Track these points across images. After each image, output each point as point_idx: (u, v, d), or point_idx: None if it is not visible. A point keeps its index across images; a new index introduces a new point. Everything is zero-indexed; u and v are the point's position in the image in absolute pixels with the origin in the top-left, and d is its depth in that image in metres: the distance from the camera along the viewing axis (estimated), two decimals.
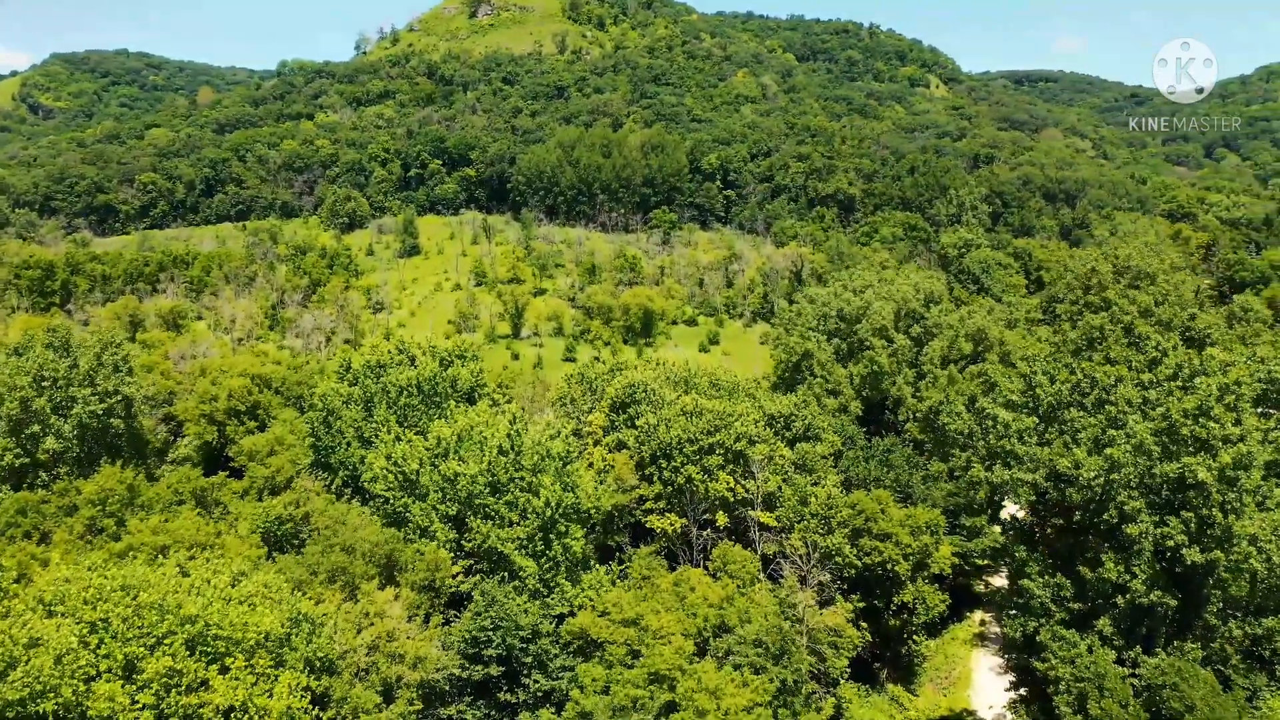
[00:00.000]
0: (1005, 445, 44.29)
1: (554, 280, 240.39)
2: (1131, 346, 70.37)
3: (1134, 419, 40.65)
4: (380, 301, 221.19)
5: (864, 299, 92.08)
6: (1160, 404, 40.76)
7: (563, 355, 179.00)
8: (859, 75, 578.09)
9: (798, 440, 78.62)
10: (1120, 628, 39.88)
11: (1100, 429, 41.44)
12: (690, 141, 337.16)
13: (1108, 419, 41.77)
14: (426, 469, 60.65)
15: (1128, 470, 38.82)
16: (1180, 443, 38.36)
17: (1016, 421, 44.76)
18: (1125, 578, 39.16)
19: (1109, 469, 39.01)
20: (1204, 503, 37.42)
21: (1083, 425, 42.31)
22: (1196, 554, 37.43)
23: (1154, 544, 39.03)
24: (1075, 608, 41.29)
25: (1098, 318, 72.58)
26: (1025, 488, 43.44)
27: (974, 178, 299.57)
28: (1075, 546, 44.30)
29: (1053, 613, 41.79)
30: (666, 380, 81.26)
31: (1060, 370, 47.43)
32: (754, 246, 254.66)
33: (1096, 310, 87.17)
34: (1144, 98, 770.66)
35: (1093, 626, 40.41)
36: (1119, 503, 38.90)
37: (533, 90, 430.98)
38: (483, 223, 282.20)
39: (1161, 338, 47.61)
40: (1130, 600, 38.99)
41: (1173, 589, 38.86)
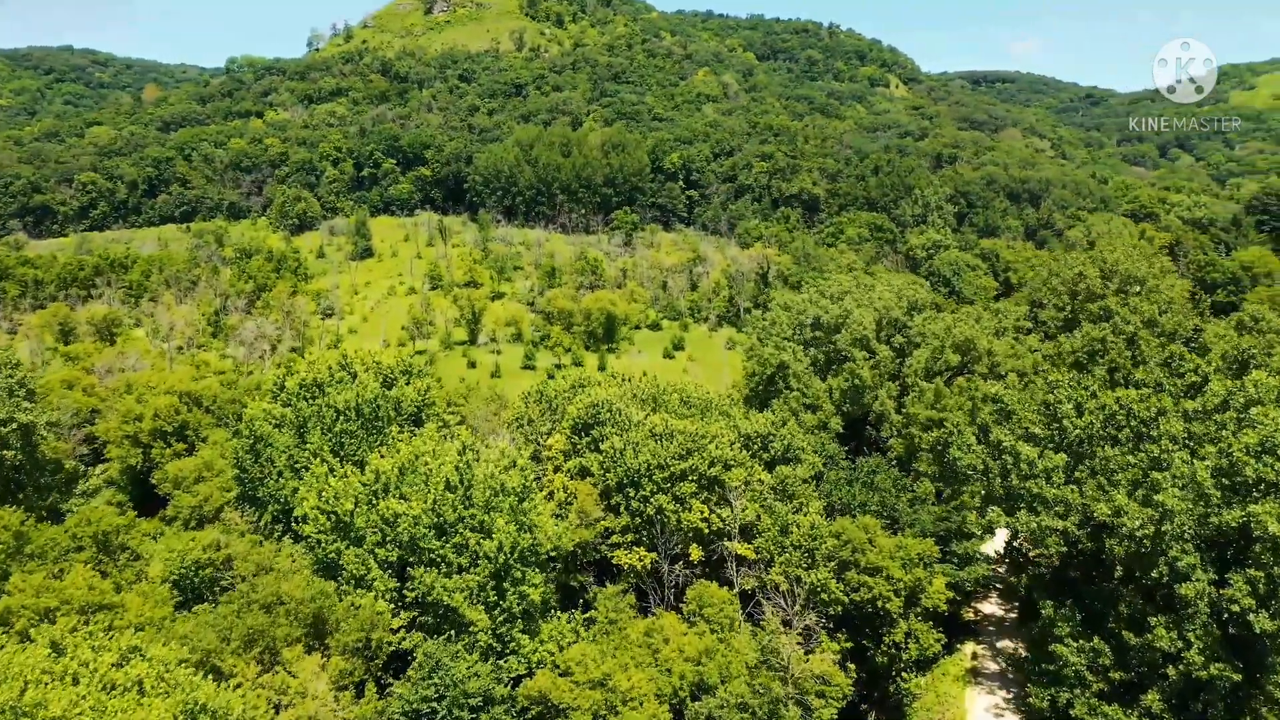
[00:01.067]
0: (1031, 487, 38.25)
1: (513, 283, 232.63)
2: (1138, 364, 64.96)
3: (1181, 458, 34.82)
4: (330, 306, 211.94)
5: (843, 306, 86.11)
6: (1213, 439, 34.95)
7: (522, 363, 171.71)
8: (819, 75, 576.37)
9: (776, 462, 72.32)
10: (1171, 703, 34.10)
11: (1141, 470, 35.58)
12: (652, 141, 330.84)
13: (1149, 458, 35.93)
14: (363, 509, 53.28)
15: (1181, 519, 33.01)
16: (1243, 487, 32.68)
17: (1044, 459, 38.74)
18: (1178, 645, 33.38)
19: (1159, 518, 33.16)
20: (1275, 558, 31.72)
21: (1120, 464, 36.42)
22: (1266, 620, 31.74)
23: (1211, 605, 33.28)
24: (1116, 678, 35.40)
25: (1098, 329, 67.19)
26: (1054, 536, 37.51)
27: (938, 178, 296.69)
28: (1110, 597, 38.29)
29: (1089, 683, 35.84)
30: (633, 398, 74.52)
31: (1084, 396, 41.48)
32: (718, 248, 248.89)
33: (1094, 319, 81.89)
34: (1099, 98, 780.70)
35: (1138, 701, 34.56)
36: (1170, 558, 33.08)
37: (490, 88, 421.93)
38: (438, 224, 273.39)
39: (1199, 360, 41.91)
40: (1184, 672, 33.24)
41: (1234, 659, 33.17)
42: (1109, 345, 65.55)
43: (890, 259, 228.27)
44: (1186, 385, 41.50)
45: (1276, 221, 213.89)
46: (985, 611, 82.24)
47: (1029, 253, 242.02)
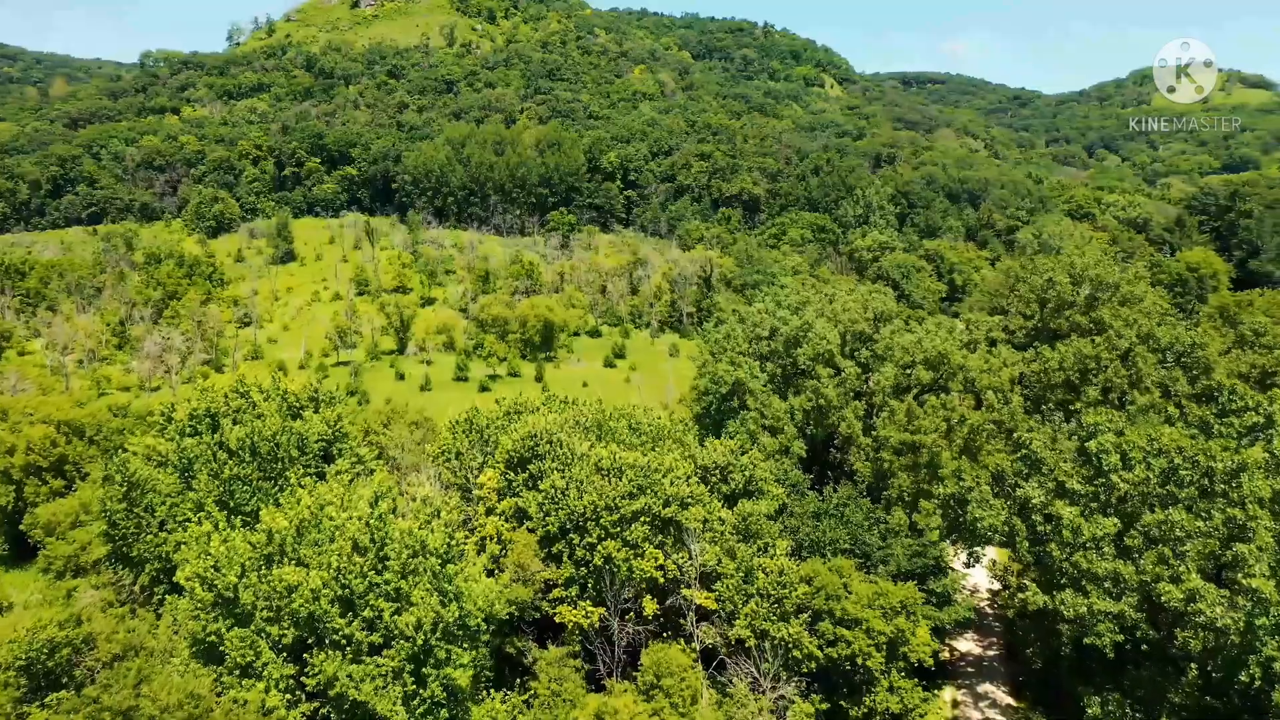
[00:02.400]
0: (1080, 561, 31.05)
1: (444, 288, 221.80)
2: (1135, 384, 58.65)
3: (1267, 525, 27.91)
4: (248, 314, 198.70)
5: (803, 318, 78.76)
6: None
7: (454, 374, 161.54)
8: (755, 74, 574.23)
9: (738, 496, 64.63)
10: None
11: (1219, 540, 28.64)
12: (588, 139, 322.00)
13: (1227, 525, 28.98)
14: (251, 578, 43.88)
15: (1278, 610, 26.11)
16: None
17: (1091, 524, 31.54)
18: None
19: (1251, 608, 26.24)
20: None
21: (1188, 530, 29.41)
22: None
23: None
24: None
25: (1090, 344, 60.79)
26: (1107, 622, 30.44)
27: (878, 178, 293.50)
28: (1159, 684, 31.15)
29: None
30: (575, 425, 66.00)
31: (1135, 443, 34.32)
32: (659, 250, 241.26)
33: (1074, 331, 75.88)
34: (1027, 99, 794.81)
35: None
36: (1265, 658, 26.17)
37: (420, 85, 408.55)
38: (365, 226, 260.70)
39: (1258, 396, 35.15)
40: None
41: None
42: (1103, 362, 59.20)
43: (834, 261, 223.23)
44: (1245, 426, 34.90)
45: (1216, 222, 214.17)
46: (961, 649, 75.76)
47: (971, 253, 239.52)
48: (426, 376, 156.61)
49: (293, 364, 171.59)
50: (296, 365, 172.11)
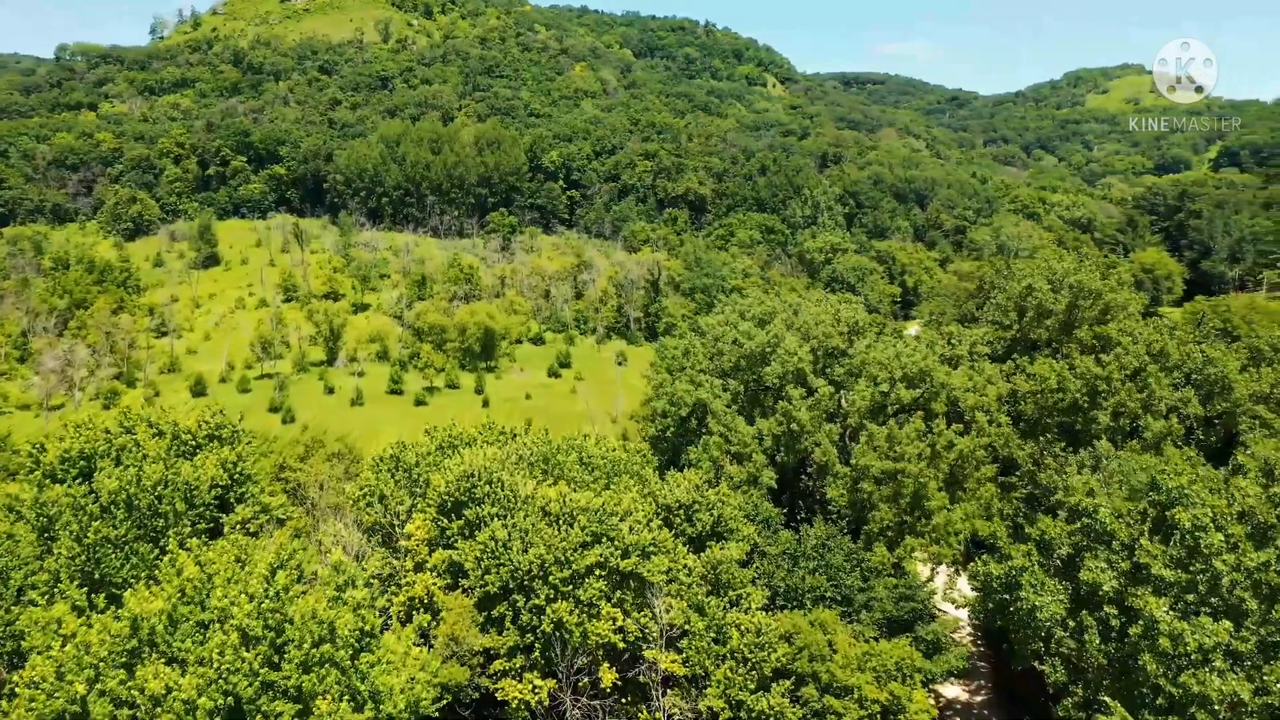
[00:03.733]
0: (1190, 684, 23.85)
1: (378, 294, 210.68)
2: (1148, 408, 52.20)
3: None
4: (165, 323, 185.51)
5: (770, 332, 71.31)
6: None
7: (388, 386, 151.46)
8: (697, 73, 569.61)
9: (704, 539, 56.86)
10: None
11: None
12: (529, 137, 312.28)
13: None
14: (109, 682, 34.69)
15: None
16: None
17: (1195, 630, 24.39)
18: None
19: None
20: None
21: None
22: None
23: None
24: None
25: (1099, 364, 54.33)
26: None
27: (825, 177, 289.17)
28: None
29: None
30: (519, 461, 57.57)
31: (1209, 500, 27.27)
32: (603, 252, 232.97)
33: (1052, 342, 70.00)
34: (964, 100, 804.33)
35: None
36: None
37: (353, 81, 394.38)
38: (294, 228, 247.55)
39: None
40: None
41: None
42: (1114, 384, 52.74)
43: (784, 262, 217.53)
44: None
45: (1165, 222, 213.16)
46: (948, 695, 69.12)
47: (921, 254, 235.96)
48: (358, 390, 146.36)
49: (212, 377, 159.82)
50: (217, 378, 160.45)
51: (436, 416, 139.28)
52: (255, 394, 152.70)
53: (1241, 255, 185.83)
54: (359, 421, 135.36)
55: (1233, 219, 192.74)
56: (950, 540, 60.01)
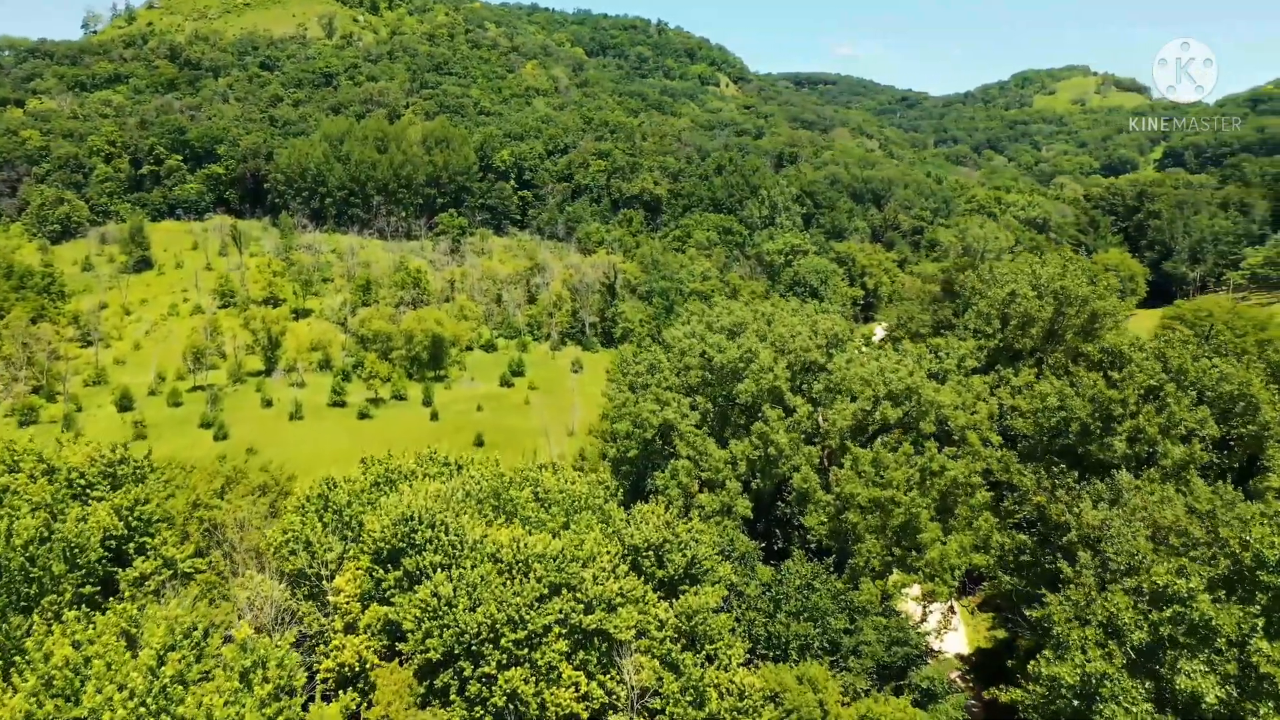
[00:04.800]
0: None
1: (321, 299, 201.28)
2: (1166, 431, 47.07)
3: None
4: (90, 332, 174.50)
5: (742, 345, 65.25)
6: None
7: (329, 398, 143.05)
8: (650, 72, 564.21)
9: (676, 584, 50.54)
10: None
11: None
12: (479, 136, 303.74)
13: None
14: None
15: None
16: None
17: None
18: None
19: None
20: None
21: None
22: None
23: None
24: None
25: (1107, 384, 49.11)
26: None
27: (782, 177, 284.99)
28: None
29: None
30: (466, 498, 50.74)
31: None
32: (557, 254, 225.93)
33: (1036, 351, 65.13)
34: (915, 100, 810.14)
35: None
36: None
37: (296, 77, 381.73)
38: (232, 229, 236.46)
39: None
40: None
41: None
42: (1129, 407, 47.57)
43: (743, 264, 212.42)
44: None
45: (1124, 223, 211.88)
46: None
47: (881, 255, 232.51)
48: (297, 402, 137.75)
49: (141, 390, 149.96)
50: (146, 391, 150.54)
51: (382, 430, 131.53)
52: (187, 407, 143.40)
53: (1202, 256, 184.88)
54: (297, 437, 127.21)
55: (1192, 219, 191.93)
56: (946, 577, 54.53)
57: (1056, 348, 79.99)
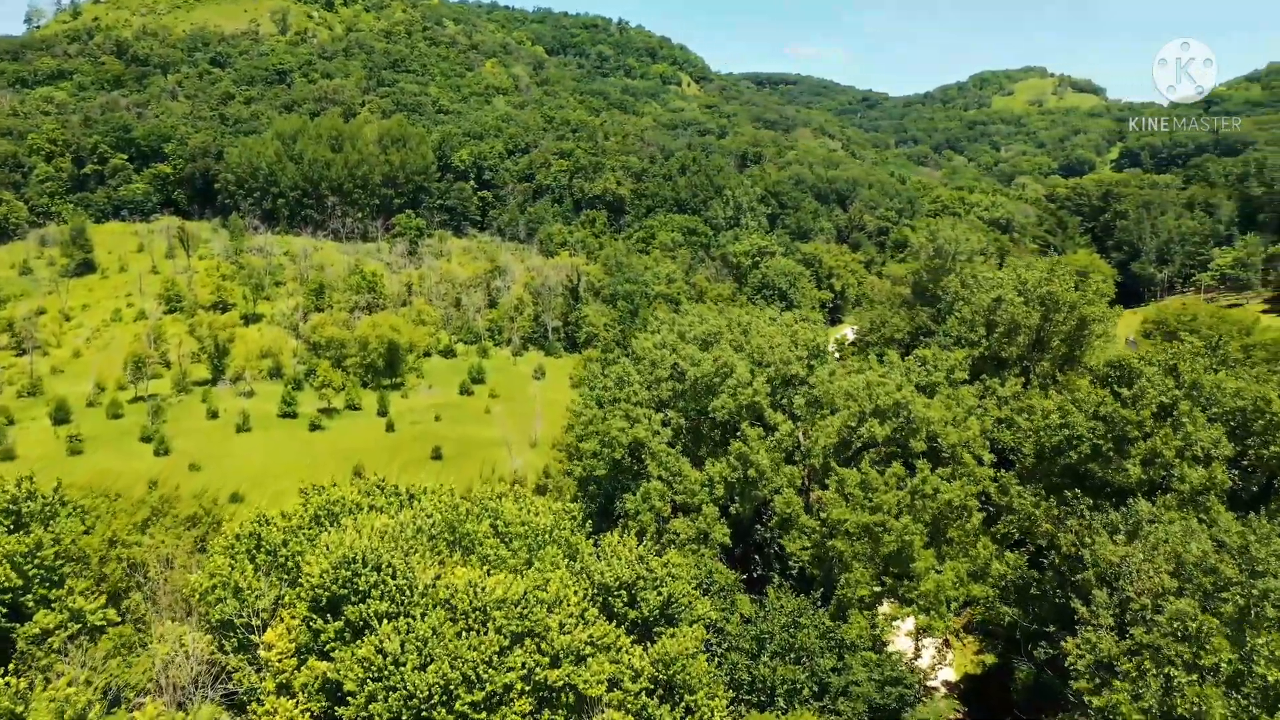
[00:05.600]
0: None
1: (273, 303, 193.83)
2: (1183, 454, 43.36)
3: None
4: (26, 339, 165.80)
5: (718, 358, 60.72)
6: None
7: (280, 409, 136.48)
8: (611, 71, 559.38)
9: (651, 627, 45.83)
10: None
11: None
12: (438, 134, 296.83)
13: None
14: None
15: None
16: None
17: None
18: None
19: None
20: None
21: None
22: None
23: None
24: None
25: (1116, 401, 45.22)
26: None
27: (746, 177, 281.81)
28: None
29: None
30: (416, 534, 45.52)
31: None
32: (519, 256, 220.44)
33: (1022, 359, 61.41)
34: (875, 100, 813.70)
35: None
36: None
37: (248, 74, 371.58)
38: (179, 231, 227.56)
39: None
40: None
41: None
42: (1145, 426, 43.70)
43: (708, 266, 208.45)
44: None
45: (1091, 223, 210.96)
46: None
47: (847, 256, 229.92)
48: (245, 413, 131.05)
49: (79, 400, 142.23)
50: (84, 402, 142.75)
51: (334, 442, 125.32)
52: (128, 419, 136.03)
53: (1170, 256, 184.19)
54: (244, 451, 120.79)
55: (1159, 219, 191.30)
56: (942, 609, 50.45)
57: (1043, 356, 76.68)
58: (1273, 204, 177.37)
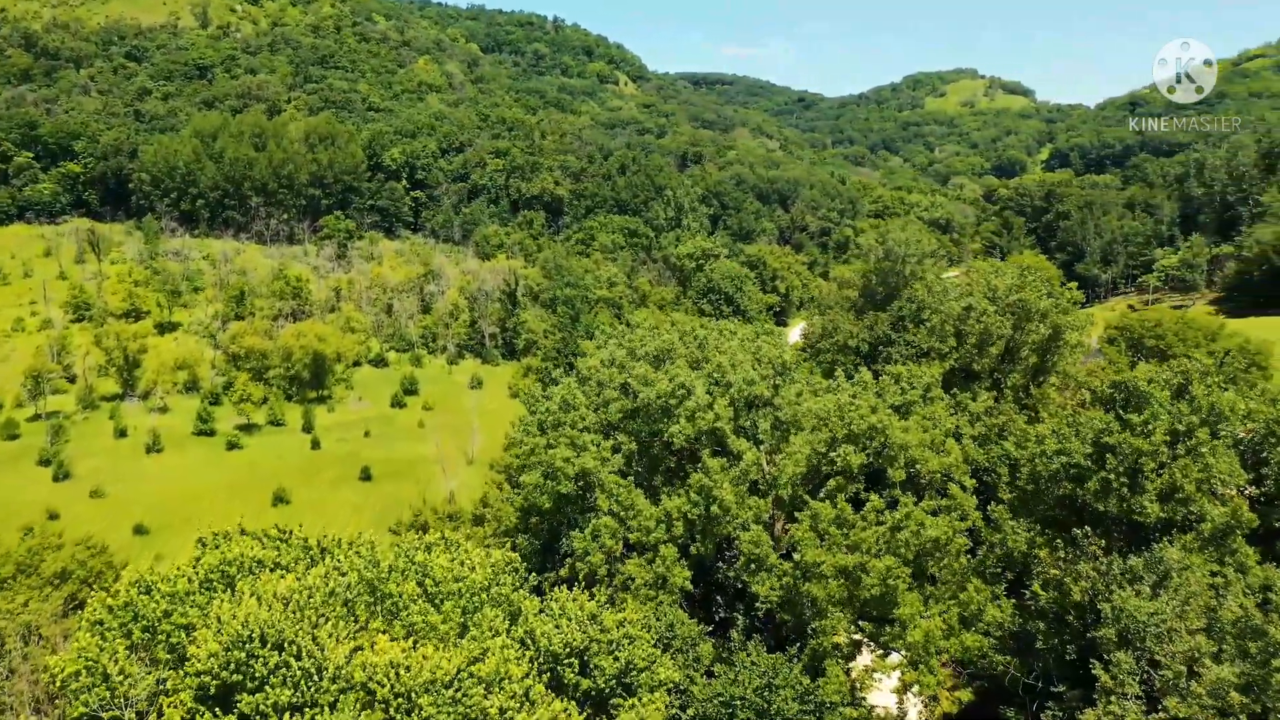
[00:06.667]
0: None
1: (190, 311, 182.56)
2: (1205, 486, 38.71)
3: None
4: None
5: (673, 377, 54.57)
6: None
7: (195, 426, 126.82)
8: (547, 70, 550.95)
9: (608, 700, 39.62)
10: None
11: None
12: (368, 133, 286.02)
13: None
14: None
15: None
16: None
17: None
18: None
19: None
20: None
21: None
22: None
23: None
24: None
25: (1123, 429, 40.22)
26: None
27: (687, 177, 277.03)
28: None
29: None
30: (330, 597, 38.56)
31: None
32: (454, 259, 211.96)
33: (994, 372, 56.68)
34: (811, 101, 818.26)
35: None
36: None
37: (165, 69, 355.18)
38: (89, 234, 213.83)
39: None
40: None
41: None
42: (1161, 456, 38.80)
43: (651, 269, 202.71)
44: None
45: (1033, 223, 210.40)
46: None
47: (790, 258, 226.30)
48: (155, 432, 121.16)
49: None
50: None
51: (253, 463, 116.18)
52: (25, 440, 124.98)
53: (1114, 257, 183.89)
54: (154, 474, 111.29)
55: (1102, 220, 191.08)
56: (933, 663, 45.08)
57: (1014, 367, 72.34)
58: (1213, 204, 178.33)
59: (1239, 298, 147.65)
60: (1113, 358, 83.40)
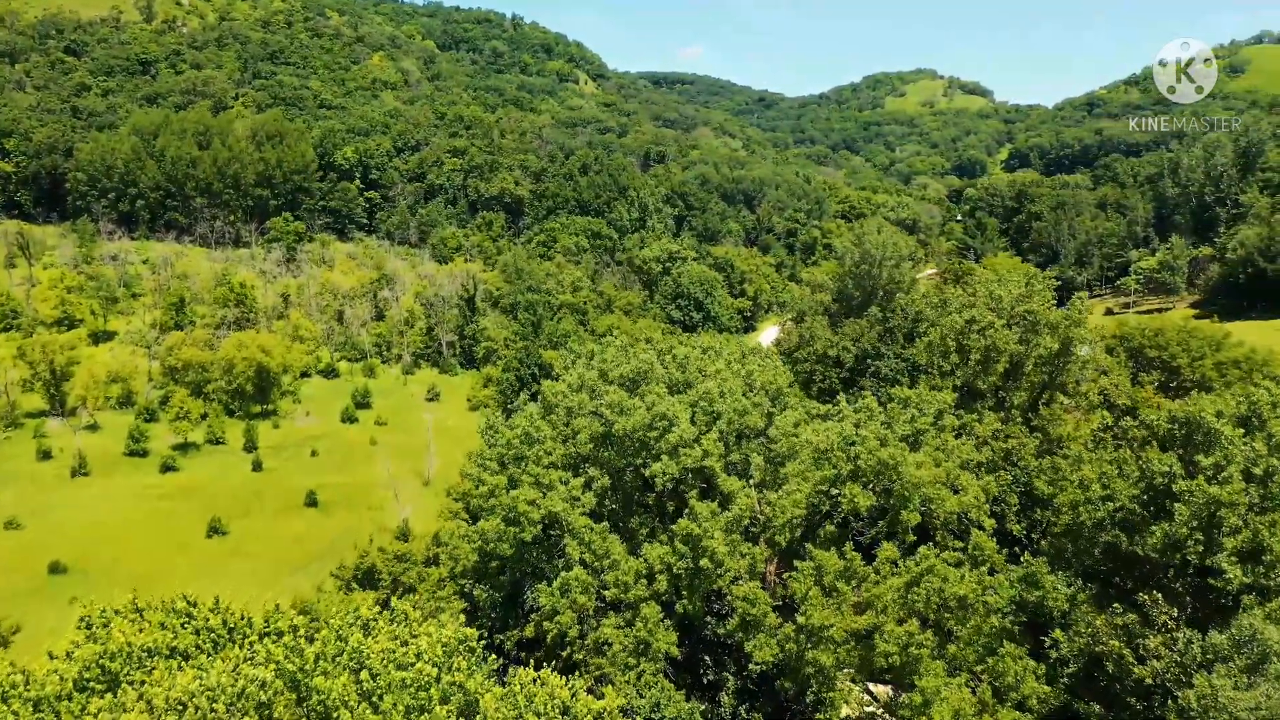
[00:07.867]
0: None
1: (128, 319, 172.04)
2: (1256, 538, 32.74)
3: None
4: None
5: (653, 405, 47.59)
6: None
7: (127, 446, 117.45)
8: (506, 68, 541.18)
9: None
10: None
11: None
12: (319, 131, 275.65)
13: None
14: None
15: None
16: None
17: None
18: None
19: None
20: None
21: None
22: None
23: None
24: None
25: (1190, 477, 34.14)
26: None
27: (651, 177, 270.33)
28: None
29: None
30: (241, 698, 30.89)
31: None
32: (410, 263, 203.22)
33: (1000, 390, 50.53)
34: (771, 101, 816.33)
35: None
36: None
37: (106, 64, 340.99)
38: (19, 236, 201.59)
39: None
40: None
41: None
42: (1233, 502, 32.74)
43: (615, 272, 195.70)
44: None
45: (1005, 224, 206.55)
46: None
47: (758, 260, 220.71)
48: (81, 455, 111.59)
49: None
50: None
51: (188, 488, 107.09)
52: None
53: (1088, 259, 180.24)
54: (78, 502, 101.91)
55: (1075, 221, 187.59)
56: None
57: (1018, 385, 66.51)
58: (1189, 205, 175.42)
59: (1222, 300, 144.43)
60: (1113, 370, 78.06)
